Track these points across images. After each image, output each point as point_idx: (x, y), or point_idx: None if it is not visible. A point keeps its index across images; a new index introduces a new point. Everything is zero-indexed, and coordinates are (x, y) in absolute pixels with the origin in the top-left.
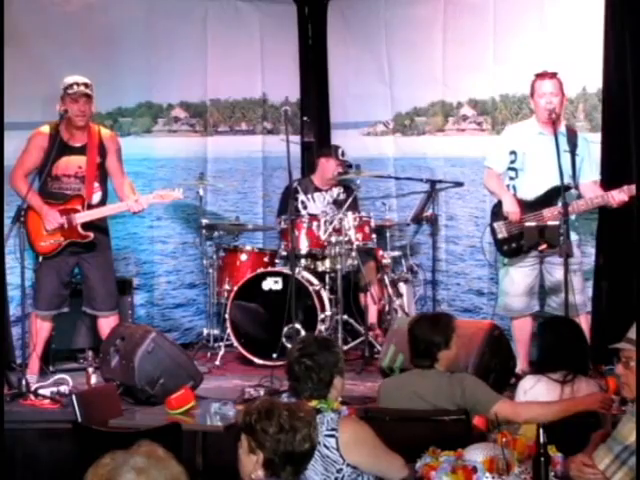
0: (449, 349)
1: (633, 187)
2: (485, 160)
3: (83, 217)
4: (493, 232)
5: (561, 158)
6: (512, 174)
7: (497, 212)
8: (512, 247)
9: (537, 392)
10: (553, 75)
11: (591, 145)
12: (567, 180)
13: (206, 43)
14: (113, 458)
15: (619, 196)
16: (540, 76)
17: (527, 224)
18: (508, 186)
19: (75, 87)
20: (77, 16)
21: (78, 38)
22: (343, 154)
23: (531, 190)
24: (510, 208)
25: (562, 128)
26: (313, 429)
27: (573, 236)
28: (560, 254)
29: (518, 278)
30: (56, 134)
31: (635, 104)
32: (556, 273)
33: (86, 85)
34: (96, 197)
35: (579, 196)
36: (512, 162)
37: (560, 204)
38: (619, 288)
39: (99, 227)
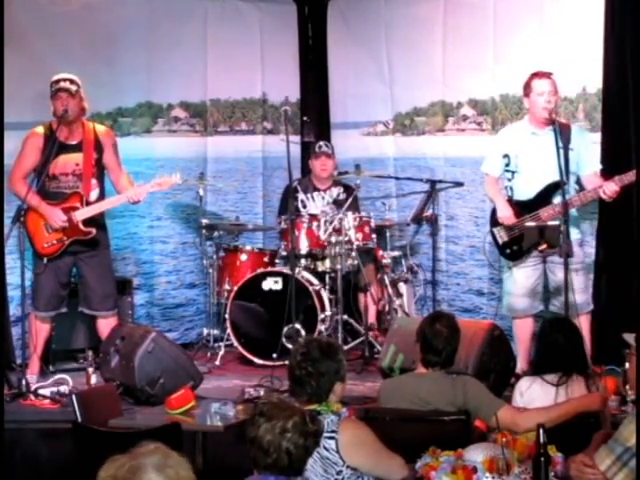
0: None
1: (623, 177)
2: (481, 166)
3: (83, 213)
4: (494, 237)
5: (554, 155)
6: (509, 176)
7: (495, 217)
8: (514, 250)
9: (533, 394)
10: (550, 74)
11: (587, 136)
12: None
13: (206, 43)
14: (129, 459)
15: (610, 187)
16: (538, 75)
17: (527, 224)
18: (506, 188)
19: (57, 84)
20: (77, 16)
21: (78, 38)
22: (321, 147)
23: (527, 191)
24: (503, 213)
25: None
26: (282, 429)
27: (575, 234)
28: (560, 254)
29: (521, 279)
30: (51, 134)
31: (635, 104)
32: (559, 273)
33: (71, 81)
34: (94, 194)
35: (580, 189)
36: (507, 165)
37: (555, 202)
38: (619, 286)
39: (98, 223)
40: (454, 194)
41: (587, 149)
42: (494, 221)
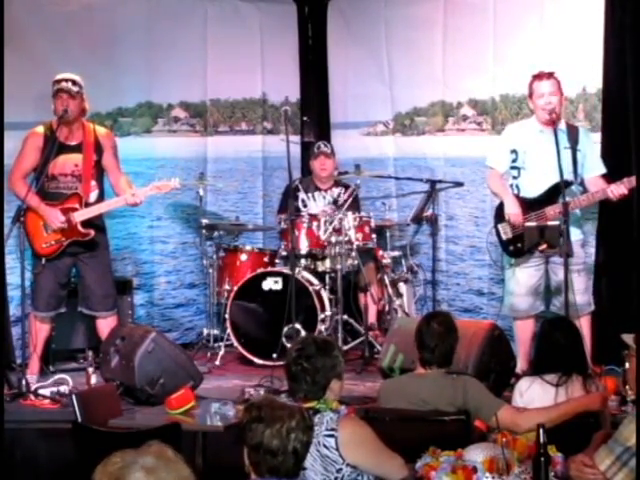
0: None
1: (632, 179)
2: (486, 160)
3: (82, 215)
4: (498, 234)
5: (561, 155)
6: (514, 173)
7: (500, 213)
8: (517, 247)
9: (533, 394)
10: (550, 75)
11: (592, 138)
12: (569, 177)
13: (206, 43)
14: (123, 457)
15: (618, 189)
16: (537, 77)
17: (528, 224)
18: (511, 186)
19: (59, 83)
20: (77, 16)
21: (78, 38)
22: (319, 147)
23: (533, 189)
24: (512, 210)
25: (562, 125)
26: (288, 430)
27: (578, 235)
28: (560, 254)
29: (523, 278)
30: (51, 134)
31: (635, 104)
32: (560, 273)
33: (73, 82)
34: (93, 195)
35: (584, 191)
36: (513, 161)
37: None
38: (619, 286)
39: (97, 226)
40: (454, 194)
41: (592, 152)
42: (499, 217)
